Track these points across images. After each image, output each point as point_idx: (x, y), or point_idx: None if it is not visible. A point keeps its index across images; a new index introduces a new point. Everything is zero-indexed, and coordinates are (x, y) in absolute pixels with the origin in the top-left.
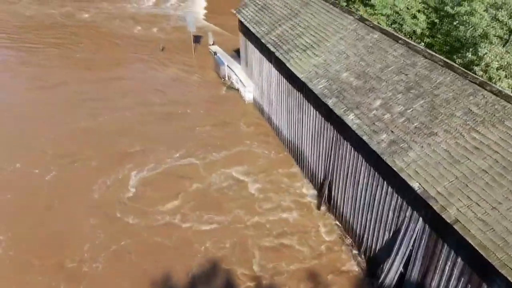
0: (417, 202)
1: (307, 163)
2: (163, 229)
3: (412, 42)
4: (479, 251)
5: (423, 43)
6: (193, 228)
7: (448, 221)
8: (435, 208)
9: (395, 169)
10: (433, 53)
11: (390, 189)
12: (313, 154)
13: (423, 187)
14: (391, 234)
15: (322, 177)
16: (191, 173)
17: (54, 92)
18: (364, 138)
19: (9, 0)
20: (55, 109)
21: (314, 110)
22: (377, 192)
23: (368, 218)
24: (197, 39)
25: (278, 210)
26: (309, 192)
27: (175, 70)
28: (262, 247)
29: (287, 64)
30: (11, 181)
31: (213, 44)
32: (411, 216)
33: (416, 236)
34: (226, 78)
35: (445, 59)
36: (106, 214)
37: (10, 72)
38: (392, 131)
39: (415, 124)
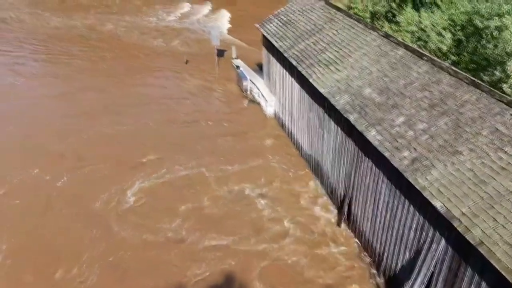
0: (440, 222)
1: (327, 179)
2: (163, 244)
3: (437, 59)
4: (505, 275)
5: (448, 61)
6: (196, 245)
7: (473, 243)
8: (459, 229)
9: (417, 187)
10: (459, 71)
11: (411, 208)
12: (334, 170)
13: (446, 207)
14: (412, 254)
15: (342, 194)
16: (202, 185)
17: (78, 100)
18: (386, 154)
19: (33, 12)
20: (79, 116)
21: (335, 126)
22: (398, 211)
23: (388, 237)
24: (220, 53)
25: (293, 223)
26: (328, 208)
27: (198, 82)
28: (271, 266)
29: (309, 79)
30: (23, 186)
31: (236, 58)
32: (433, 237)
33: (438, 258)
34: (248, 92)
35: (471, 77)
36: (106, 225)
37: (36, 81)
38: (414, 149)
39: (439, 142)
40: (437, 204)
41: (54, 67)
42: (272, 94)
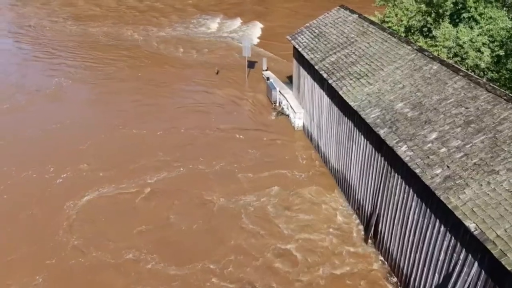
0: (473, 244)
1: (354, 195)
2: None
3: (474, 75)
4: None
5: (485, 78)
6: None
7: (508, 268)
8: (493, 252)
9: (449, 206)
10: (497, 87)
11: (442, 228)
12: (361, 186)
13: (480, 228)
14: (442, 277)
15: (369, 210)
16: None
17: (110, 104)
18: (417, 171)
19: (54, 20)
20: (111, 118)
21: (365, 140)
22: (428, 230)
23: (417, 258)
24: (251, 64)
25: (319, 238)
26: (354, 224)
27: (228, 93)
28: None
29: (340, 92)
30: (25, 182)
31: (266, 70)
32: (465, 259)
33: (470, 282)
34: (277, 104)
35: (510, 94)
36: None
37: (71, 87)
38: (448, 166)
39: (474, 161)
40: (471, 225)
41: (87, 73)
42: (301, 106)
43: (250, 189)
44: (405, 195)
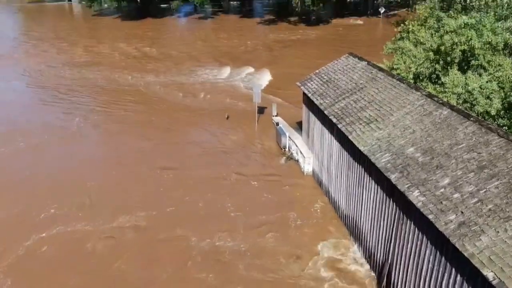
0: None
1: (365, 242)
2: None
3: (485, 121)
4: None
5: (496, 124)
6: None
7: None
8: None
9: (465, 254)
10: (509, 133)
11: (459, 278)
12: (373, 233)
13: (499, 278)
14: None
15: (381, 259)
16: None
17: (121, 146)
18: (430, 217)
19: (53, 66)
20: (120, 158)
21: (376, 185)
22: (444, 280)
23: None
24: (261, 110)
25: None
26: (366, 273)
27: (238, 138)
28: None
29: (349, 137)
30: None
31: (276, 116)
32: None
33: None
34: (287, 149)
35: None
36: None
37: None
38: (462, 212)
39: (489, 207)
40: (489, 274)
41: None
42: (311, 151)
43: (253, 234)
44: (419, 243)
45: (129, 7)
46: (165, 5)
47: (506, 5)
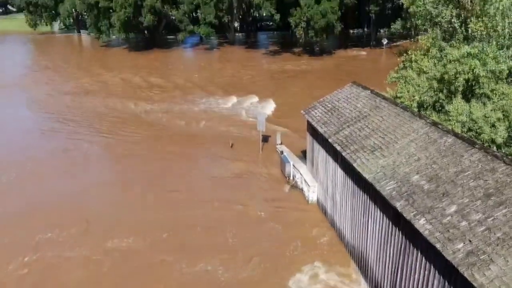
0: None
1: (371, 273)
2: None
3: (490, 149)
4: None
5: (502, 151)
6: None
7: None
8: None
9: (475, 284)
10: None
11: None
12: (379, 263)
13: None
14: None
15: None
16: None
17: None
18: (437, 246)
19: (51, 95)
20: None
21: (381, 214)
22: None
23: None
24: (265, 138)
25: None
26: None
27: (242, 166)
28: None
29: (354, 164)
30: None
31: (280, 144)
32: None
33: None
34: (291, 177)
35: None
36: None
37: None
38: (470, 241)
39: (498, 235)
40: None
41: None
42: (315, 180)
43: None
44: (426, 273)
45: (137, 38)
46: (171, 36)
47: (508, 35)
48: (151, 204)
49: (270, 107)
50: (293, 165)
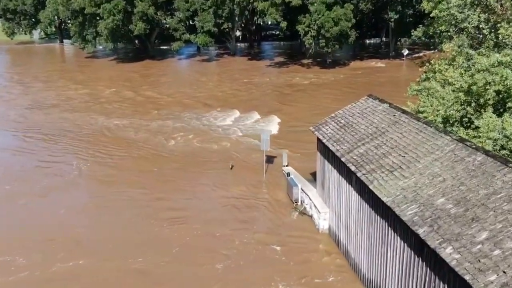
0: None
1: None
2: None
3: None
4: None
5: None
6: None
7: None
8: None
9: None
10: None
11: None
12: None
13: None
14: None
15: None
16: None
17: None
18: (467, 278)
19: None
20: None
21: (402, 242)
22: None
23: None
24: (269, 159)
25: None
26: None
27: (243, 190)
28: None
29: (370, 186)
30: None
31: (287, 165)
32: None
33: None
34: (299, 203)
35: None
36: None
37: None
38: (504, 272)
39: None
40: None
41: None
42: (326, 205)
43: None
44: None
45: (126, 49)
46: (165, 47)
47: None
48: (149, 228)
49: (274, 124)
50: (301, 189)
